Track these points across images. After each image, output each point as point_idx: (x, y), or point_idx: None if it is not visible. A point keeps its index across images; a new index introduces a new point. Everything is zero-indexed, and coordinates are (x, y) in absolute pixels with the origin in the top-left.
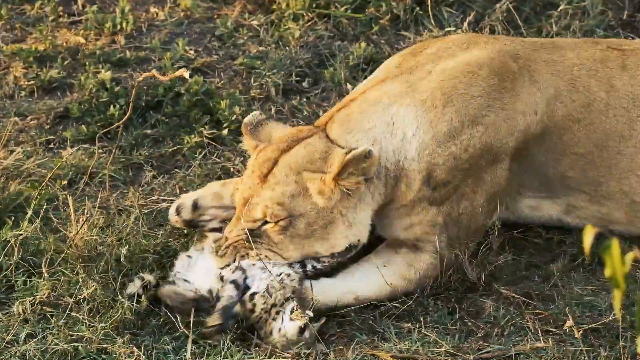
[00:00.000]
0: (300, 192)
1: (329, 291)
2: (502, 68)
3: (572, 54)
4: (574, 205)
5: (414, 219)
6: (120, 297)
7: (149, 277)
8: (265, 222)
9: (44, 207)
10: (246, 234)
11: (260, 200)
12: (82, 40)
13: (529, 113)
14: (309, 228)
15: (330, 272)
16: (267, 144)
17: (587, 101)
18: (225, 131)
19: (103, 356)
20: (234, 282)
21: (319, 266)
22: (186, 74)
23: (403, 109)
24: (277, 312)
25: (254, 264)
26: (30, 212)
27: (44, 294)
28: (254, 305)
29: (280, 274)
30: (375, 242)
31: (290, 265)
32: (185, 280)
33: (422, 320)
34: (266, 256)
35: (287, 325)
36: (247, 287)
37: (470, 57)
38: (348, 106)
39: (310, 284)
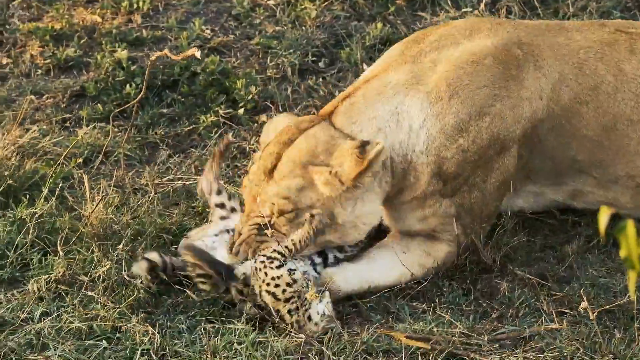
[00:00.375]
0: (306, 185)
1: (351, 280)
2: (507, 56)
3: (579, 36)
4: (580, 190)
5: (427, 212)
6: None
7: (155, 257)
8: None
9: (60, 185)
10: (258, 229)
11: (268, 197)
12: (99, 19)
13: (534, 99)
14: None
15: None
16: (272, 139)
17: (594, 84)
18: (241, 111)
19: (118, 335)
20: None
21: (341, 256)
22: (197, 53)
23: (408, 100)
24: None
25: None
26: (45, 191)
27: (59, 272)
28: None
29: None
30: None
31: (310, 258)
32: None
33: (436, 301)
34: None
35: (318, 308)
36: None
37: (474, 46)
38: (353, 95)
39: (332, 273)
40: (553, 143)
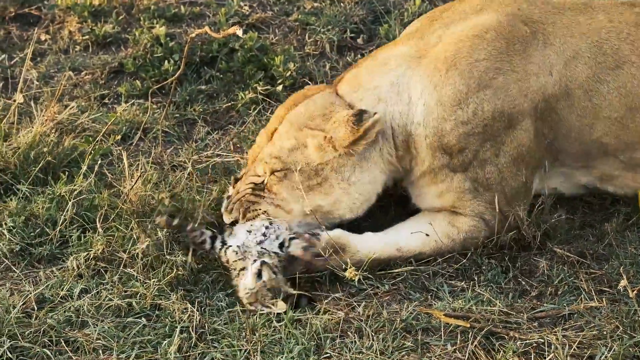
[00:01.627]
0: (297, 146)
1: (371, 243)
2: (511, 31)
3: (604, 16)
4: (609, 173)
5: (442, 187)
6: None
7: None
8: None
9: (98, 162)
10: (252, 188)
11: (263, 156)
12: None
13: (542, 74)
14: (307, 182)
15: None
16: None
17: (616, 64)
18: (279, 87)
19: (157, 312)
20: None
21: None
22: (239, 31)
23: (410, 72)
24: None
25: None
26: (84, 167)
27: (98, 250)
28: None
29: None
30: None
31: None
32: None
33: (475, 279)
34: (266, 211)
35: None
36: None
37: (478, 21)
38: (358, 66)
39: (351, 236)
40: (576, 123)
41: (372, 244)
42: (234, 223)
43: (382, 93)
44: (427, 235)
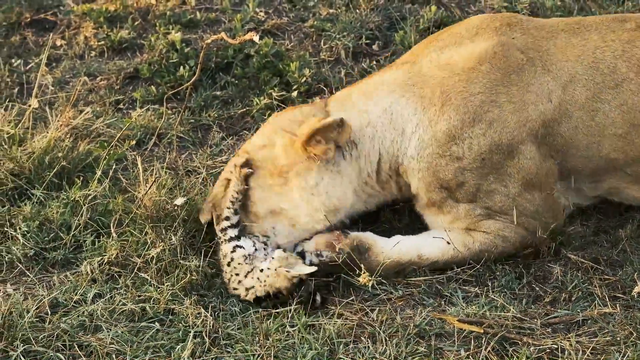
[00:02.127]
0: (267, 144)
1: (394, 243)
2: (507, 61)
3: (596, 36)
4: (616, 187)
5: (449, 217)
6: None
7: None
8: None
9: (113, 167)
10: (225, 186)
11: (238, 152)
12: (153, 1)
13: (541, 102)
14: (271, 180)
15: None
16: None
17: (615, 82)
18: (294, 93)
19: (170, 317)
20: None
21: (316, 260)
22: (256, 37)
23: (403, 101)
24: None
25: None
26: (99, 172)
27: (112, 254)
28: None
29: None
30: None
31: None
32: None
33: (489, 284)
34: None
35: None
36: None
37: (473, 51)
38: (353, 86)
39: (377, 237)
40: (583, 142)
41: (395, 246)
42: (210, 224)
43: (373, 118)
44: (448, 243)
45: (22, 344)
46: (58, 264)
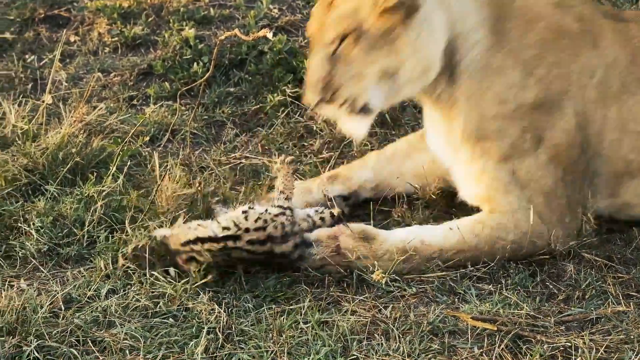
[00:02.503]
0: (361, 5)
1: (396, 232)
2: (560, 26)
3: (636, 27)
4: (629, 202)
5: (477, 167)
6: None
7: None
8: (340, 43)
9: (127, 163)
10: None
11: (329, 22)
12: None
13: (585, 75)
14: (378, 40)
15: None
16: None
17: None
18: None
19: (184, 313)
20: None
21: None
22: (269, 34)
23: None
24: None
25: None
26: (113, 168)
27: (126, 250)
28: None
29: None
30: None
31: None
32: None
33: (503, 282)
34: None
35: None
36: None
37: (538, 4)
38: None
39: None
40: (608, 137)
41: (397, 232)
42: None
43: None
44: (450, 229)
45: (35, 339)
46: (72, 260)
